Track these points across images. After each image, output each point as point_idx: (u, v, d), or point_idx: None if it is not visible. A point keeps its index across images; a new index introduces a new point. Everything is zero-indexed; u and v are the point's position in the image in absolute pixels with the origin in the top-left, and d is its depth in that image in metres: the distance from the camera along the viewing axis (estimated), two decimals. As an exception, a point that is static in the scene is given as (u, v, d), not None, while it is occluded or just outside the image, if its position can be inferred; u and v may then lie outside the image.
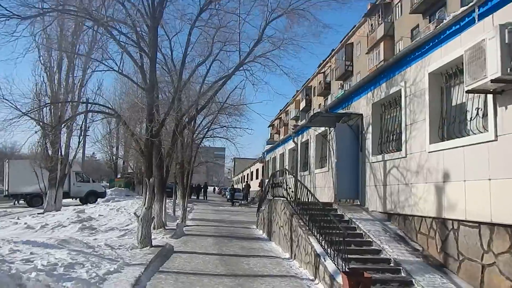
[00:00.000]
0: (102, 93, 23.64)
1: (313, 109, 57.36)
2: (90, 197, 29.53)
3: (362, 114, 12.26)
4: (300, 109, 62.78)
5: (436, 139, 8.31)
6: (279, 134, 74.58)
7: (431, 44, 8.53)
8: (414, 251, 8.38)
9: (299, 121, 62.65)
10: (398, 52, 32.16)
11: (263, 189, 33.81)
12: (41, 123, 18.67)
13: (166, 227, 15.29)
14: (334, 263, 7.53)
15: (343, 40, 44.49)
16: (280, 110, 76.03)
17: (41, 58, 20.97)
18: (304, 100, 60.59)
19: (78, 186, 29.68)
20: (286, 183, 12.49)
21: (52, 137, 20.09)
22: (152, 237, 12.38)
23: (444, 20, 8.18)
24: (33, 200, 27.60)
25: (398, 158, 9.72)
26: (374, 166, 11.15)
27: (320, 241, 8.60)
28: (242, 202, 37.05)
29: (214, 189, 77.80)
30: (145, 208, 10.85)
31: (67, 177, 28.07)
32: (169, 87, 14.29)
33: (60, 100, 17.96)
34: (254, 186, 44.49)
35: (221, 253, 11.04)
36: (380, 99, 11.06)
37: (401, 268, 7.65)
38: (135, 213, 10.92)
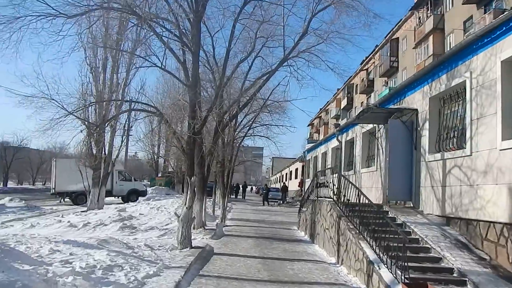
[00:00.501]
0: (145, 92, 23.75)
1: (355, 108, 55.77)
2: (131, 196, 29.85)
3: (417, 110, 11.33)
4: (341, 107, 61.32)
5: (509, 135, 7.34)
6: (319, 134, 73.24)
7: (503, 28, 7.56)
8: (480, 260, 7.46)
9: (340, 120, 61.18)
10: (449, 45, 30.63)
11: (304, 188, 33.01)
12: (86, 122, 18.84)
13: (206, 227, 14.93)
14: (390, 271, 6.78)
15: (388, 35, 42.86)
16: (320, 109, 74.72)
17: (87, 58, 21.25)
18: (345, 98, 59.12)
19: (120, 185, 30.09)
20: (333, 182, 11.74)
21: (97, 136, 20.29)
22: (192, 237, 12.00)
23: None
24: (78, 198, 28.16)
25: (461, 157, 8.78)
26: (431, 165, 10.23)
27: (373, 246, 7.84)
28: (280, 202, 36.22)
29: (252, 188, 77.66)
30: (186, 207, 10.46)
31: (110, 176, 28.50)
32: (212, 84, 13.92)
33: (105, 99, 17.98)
34: (293, 185, 43.81)
35: (263, 256, 10.48)
36: (438, 93, 10.11)
37: (467, 279, 6.79)
38: (175, 213, 10.56)
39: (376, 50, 46.76)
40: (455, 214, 8.95)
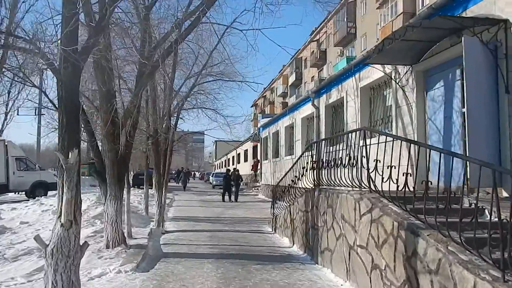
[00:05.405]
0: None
1: (305, 83, 51.18)
2: (37, 190, 22.30)
3: (507, 21, 6.17)
4: (289, 84, 56.87)
5: None
6: (264, 114, 68.25)
7: None
8: None
9: (288, 98, 56.44)
10: (421, 2, 26.36)
11: (260, 172, 27.40)
12: None
13: (132, 240, 9.05)
14: None
15: (344, -2, 38.22)
16: (264, 88, 69.70)
17: None
18: (293, 74, 54.69)
19: (20, 176, 22.28)
20: (367, 157, 6.29)
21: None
22: (99, 270, 6.26)
23: None
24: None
25: None
26: None
27: None
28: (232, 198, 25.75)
29: (194, 175, 72.91)
30: (61, 224, 4.48)
31: (4, 165, 21.31)
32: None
33: None
34: (244, 169, 38.53)
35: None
36: None
37: None
38: (35, 239, 4.54)
39: (329, 17, 42.03)
40: None
